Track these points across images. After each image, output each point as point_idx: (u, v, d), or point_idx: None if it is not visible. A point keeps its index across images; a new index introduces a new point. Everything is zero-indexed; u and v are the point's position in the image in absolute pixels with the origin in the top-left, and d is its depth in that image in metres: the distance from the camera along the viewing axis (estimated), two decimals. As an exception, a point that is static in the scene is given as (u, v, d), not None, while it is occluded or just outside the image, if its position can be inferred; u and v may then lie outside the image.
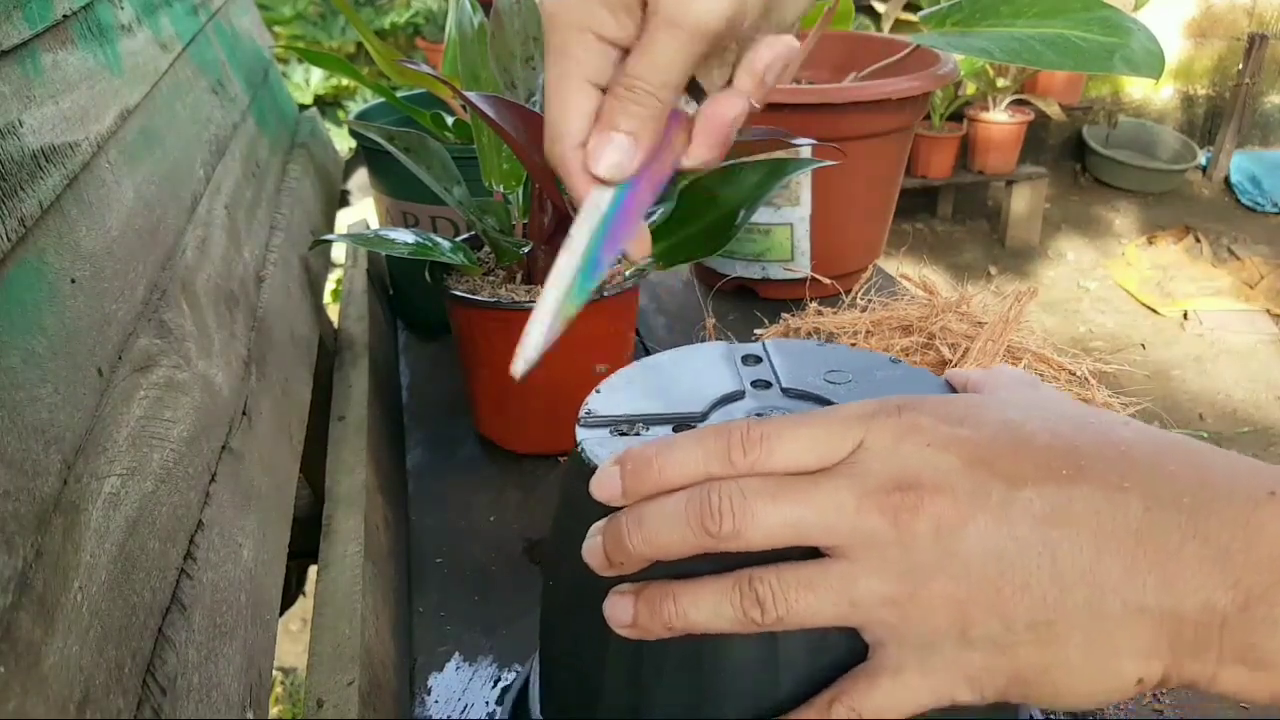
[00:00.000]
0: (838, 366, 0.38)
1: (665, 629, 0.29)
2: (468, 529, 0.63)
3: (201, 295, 0.51)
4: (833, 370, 0.38)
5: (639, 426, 0.34)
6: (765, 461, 0.29)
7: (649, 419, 0.35)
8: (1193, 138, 3.53)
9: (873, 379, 0.38)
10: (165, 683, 0.32)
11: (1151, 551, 0.25)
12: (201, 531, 0.39)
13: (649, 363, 0.39)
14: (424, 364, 0.88)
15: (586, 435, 0.34)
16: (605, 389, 0.37)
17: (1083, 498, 0.26)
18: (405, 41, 3.05)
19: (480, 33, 0.72)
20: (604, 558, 0.30)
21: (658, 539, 0.29)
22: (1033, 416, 0.29)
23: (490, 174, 0.68)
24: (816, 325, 0.69)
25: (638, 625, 0.30)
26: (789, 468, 0.29)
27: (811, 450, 0.29)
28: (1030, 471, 0.27)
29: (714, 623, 0.29)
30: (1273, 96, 3.47)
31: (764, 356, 0.40)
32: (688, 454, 0.30)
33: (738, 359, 0.39)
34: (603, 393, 0.37)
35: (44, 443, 0.30)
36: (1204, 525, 0.25)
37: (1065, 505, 0.26)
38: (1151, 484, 0.26)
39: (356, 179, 1.99)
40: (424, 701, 0.49)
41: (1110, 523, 0.26)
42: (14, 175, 0.34)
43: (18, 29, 0.39)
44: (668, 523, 0.29)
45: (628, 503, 0.30)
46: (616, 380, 0.38)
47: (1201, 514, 0.25)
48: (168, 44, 0.65)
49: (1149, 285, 2.91)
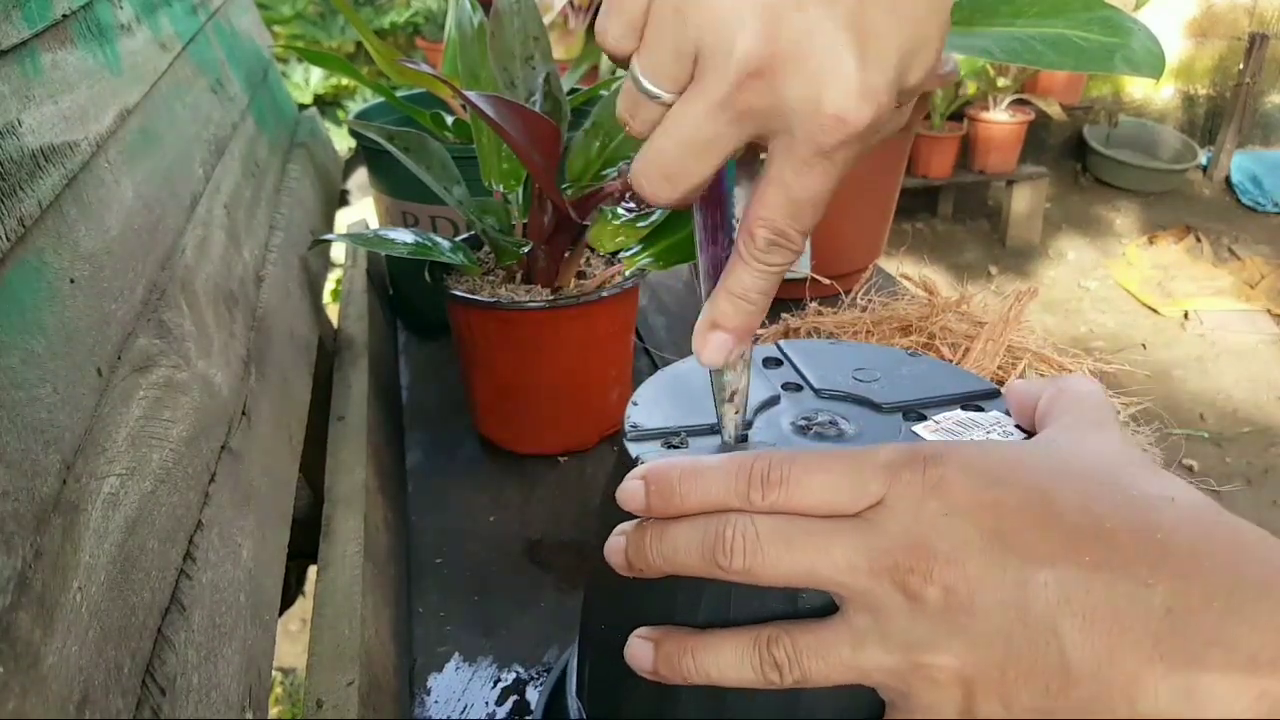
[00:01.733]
0: (861, 364, 0.39)
1: (684, 681, 0.29)
2: (468, 529, 0.63)
3: (201, 295, 0.51)
4: (859, 369, 0.38)
5: (685, 438, 0.35)
6: (784, 504, 0.29)
7: (693, 430, 0.35)
8: (1193, 137, 3.53)
9: (900, 374, 0.38)
10: (164, 683, 0.32)
11: (1170, 655, 0.24)
12: (201, 532, 0.39)
13: (674, 371, 0.39)
14: (424, 364, 0.88)
15: (639, 450, 0.34)
16: (642, 401, 0.37)
17: (1103, 587, 0.25)
18: (405, 41, 3.04)
19: (480, 32, 0.72)
20: (625, 560, 0.31)
21: (675, 558, 0.30)
22: (1070, 483, 0.27)
23: (490, 174, 0.68)
24: (817, 325, 0.69)
25: (658, 674, 0.30)
26: (808, 511, 0.29)
27: (832, 497, 0.28)
28: (1053, 551, 0.26)
29: (732, 679, 0.29)
30: (1273, 96, 3.46)
31: (783, 358, 0.40)
32: (709, 485, 0.30)
33: (759, 363, 0.39)
34: (640, 405, 0.37)
35: (43, 443, 0.30)
36: (1232, 630, 0.23)
37: (1083, 595, 0.25)
38: (1182, 581, 0.24)
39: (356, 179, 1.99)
40: (423, 702, 0.49)
41: (1129, 619, 0.24)
42: (13, 175, 0.34)
43: (17, 28, 0.39)
44: (683, 548, 0.29)
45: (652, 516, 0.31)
46: (648, 391, 0.38)
47: (1232, 618, 0.24)
48: (167, 43, 0.65)
49: (1150, 285, 2.91)
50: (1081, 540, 0.26)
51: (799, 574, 0.28)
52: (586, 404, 0.68)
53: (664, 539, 0.30)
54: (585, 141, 0.67)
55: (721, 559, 0.28)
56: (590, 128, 0.68)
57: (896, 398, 0.37)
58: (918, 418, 0.35)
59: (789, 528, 0.28)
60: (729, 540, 0.28)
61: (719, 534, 0.28)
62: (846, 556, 0.27)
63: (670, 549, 0.30)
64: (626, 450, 0.34)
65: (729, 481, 0.29)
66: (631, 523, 0.31)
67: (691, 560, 0.29)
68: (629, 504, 0.31)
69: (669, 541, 0.30)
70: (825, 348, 0.40)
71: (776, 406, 0.37)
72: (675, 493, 0.30)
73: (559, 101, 0.66)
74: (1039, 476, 0.28)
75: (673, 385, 0.38)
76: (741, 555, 0.28)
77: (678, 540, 0.29)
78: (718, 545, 0.28)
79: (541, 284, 0.65)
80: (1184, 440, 2.02)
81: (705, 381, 0.36)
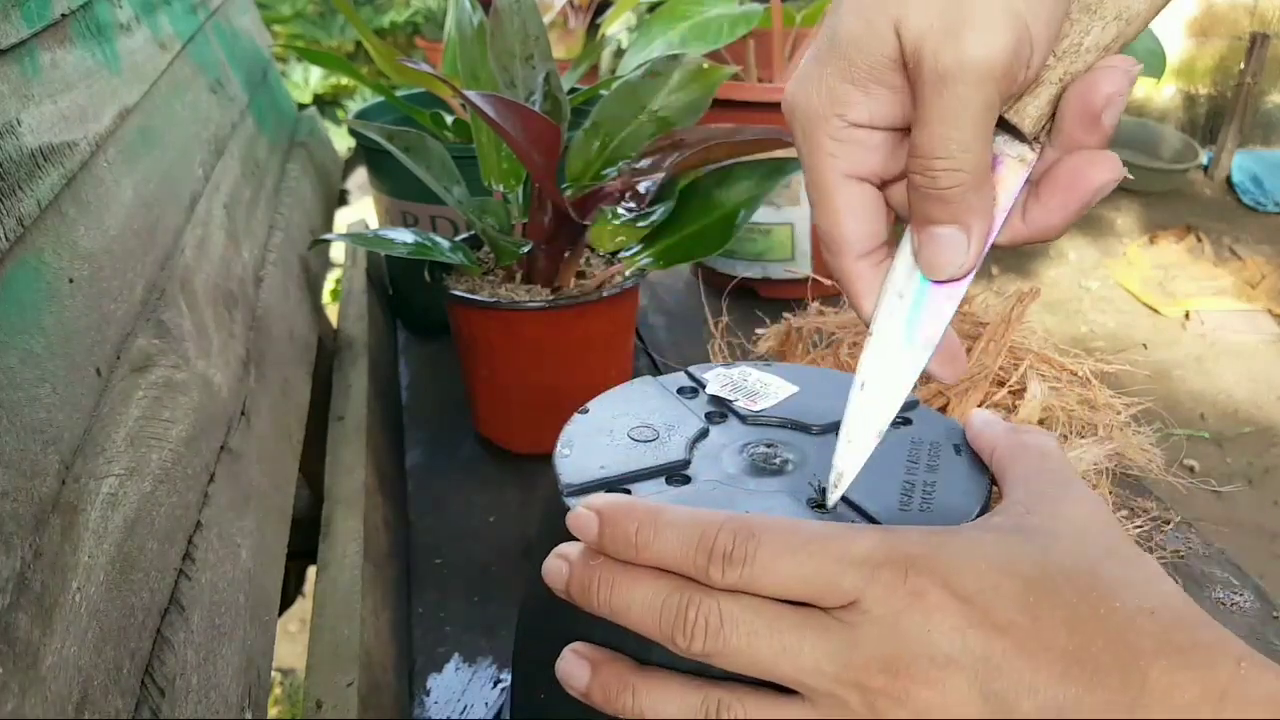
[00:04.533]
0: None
1: (616, 715, 0.28)
2: (468, 529, 0.63)
3: (200, 295, 0.51)
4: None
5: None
6: (748, 584, 0.26)
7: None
8: (1194, 137, 3.53)
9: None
10: (164, 683, 0.32)
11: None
12: (200, 532, 0.39)
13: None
14: (424, 364, 0.88)
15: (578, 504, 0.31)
16: (569, 450, 0.35)
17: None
18: (404, 40, 3.04)
19: (480, 31, 0.72)
20: (565, 590, 0.29)
21: (625, 615, 0.28)
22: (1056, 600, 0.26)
23: (490, 173, 0.68)
24: (818, 325, 0.69)
25: (590, 699, 0.28)
26: (774, 595, 0.27)
27: (798, 590, 0.26)
28: (1036, 684, 0.24)
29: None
30: (1274, 96, 3.46)
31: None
32: (667, 545, 0.27)
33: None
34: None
35: (42, 443, 0.30)
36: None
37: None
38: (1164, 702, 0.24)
39: (356, 178, 1.99)
40: (423, 703, 0.49)
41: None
42: (12, 175, 0.34)
43: (16, 28, 0.39)
44: (637, 609, 0.27)
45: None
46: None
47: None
48: (166, 43, 0.65)
49: (1150, 285, 2.90)
50: (1066, 669, 0.24)
51: (761, 668, 0.26)
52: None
53: (615, 592, 0.28)
54: (585, 141, 0.67)
55: (680, 639, 0.26)
56: (590, 128, 0.68)
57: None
58: None
59: (756, 619, 0.26)
60: (690, 622, 0.26)
61: (680, 611, 0.27)
62: (815, 660, 0.26)
63: (623, 605, 0.28)
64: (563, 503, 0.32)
65: (688, 548, 0.27)
66: (576, 548, 0.29)
67: (645, 626, 0.27)
68: (579, 533, 0.29)
69: (620, 597, 0.28)
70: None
71: (707, 439, 0.36)
72: (630, 543, 0.28)
73: (559, 101, 0.66)
74: (1025, 590, 0.26)
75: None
76: (703, 639, 0.26)
77: (632, 599, 0.28)
78: (678, 623, 0.27)
79: (541, 284, 0.65)
80: (1185, 440, 2.02)
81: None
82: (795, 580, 0.26)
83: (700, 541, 0.27)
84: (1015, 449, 0.32)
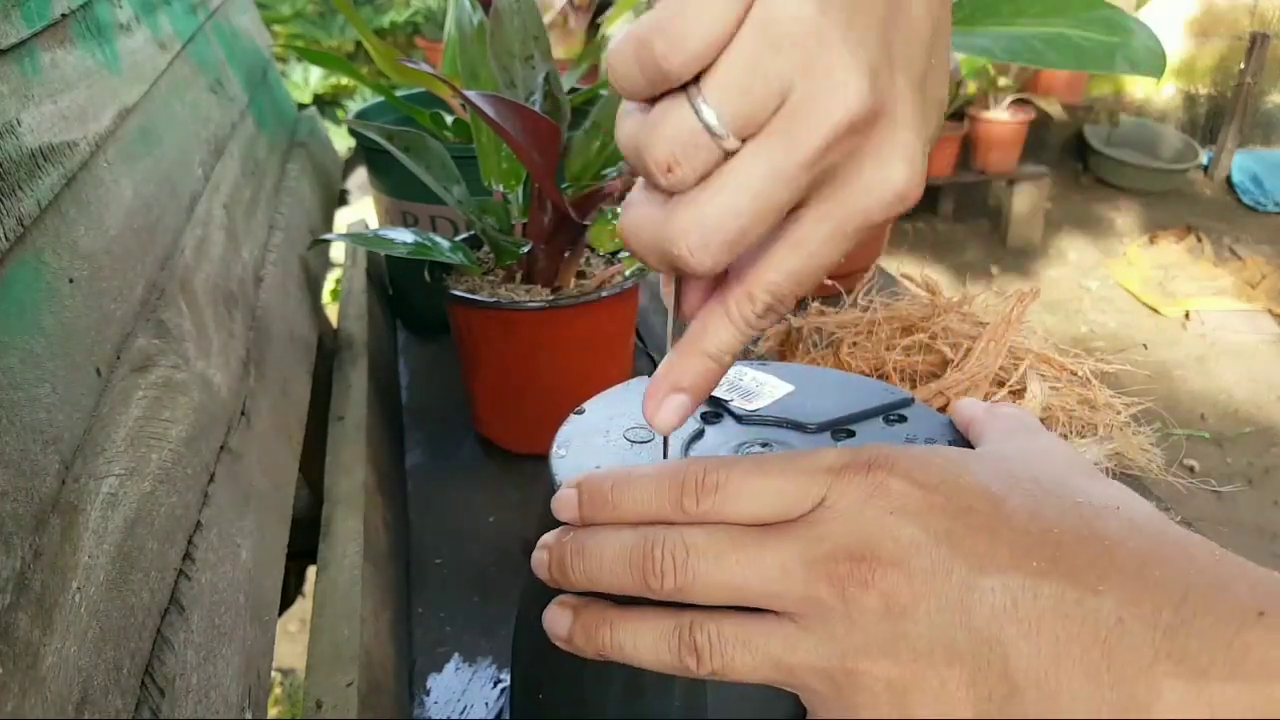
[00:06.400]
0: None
1: (598, 654, 0.28)
2: (468, 529, 0.63)
3: (200, 295, 0.51)
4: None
5: None
6: (718, 511, 0.27)
7: None
8: (1194, 137, 3.53)
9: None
10: (164, 683, 0.32)
11: (1118, 666, 0.23)
12: (200, 532, 0.39)
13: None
14: (424, 364, 0.88)
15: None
16: (565, 451, 0.36)
17: (1050, 595, 0.24)
18: (404, 40, 3.04)
19: (480, 31, 0.72)
20: (549, 576, 0.30)
21: (599, 577, 0.28)
22: (1018, 489, 0.27)
23: (490, 173, 0.68)
24: (819, 325, 0.69)
25: (572, 643, 0.29)
26: (743, 520, 0.27)
27: (769, 504, 0.27)
28: (999, 556, 0.25)
29: (647, 660, 0.28)
30: (1274, 96, 3.46)
31: None
32: (641, 492, 0.28)
33: None
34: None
35: (42, 443, 0.30)
36: (1182, 643, 0.23)
37: (1029, 601, 0.24)
38: (1131, 590, 0.24)
39: (356, 178, 1.99)
40: (423, 703, 0.49)
41: (1076, 628, 0.24)
42: (12, 174, 0.34)
43: (16, 28, 0.39)
44: (609, 563, 0.28)
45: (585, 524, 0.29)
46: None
47: (1181, 632, 0.23)
48: (166, 43, 0.65)
49: (1151, 285, 2.90)
50: (1029, 546, 0.25)
51: (730, 589, 0.27)
52: (587, 404, 0.68)
53: (587, 554, 0.28)
54: (585, 141, 0.67)
55: (652, 580, 0.27)
56: (590, 128, 0.68)
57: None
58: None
59: (720, 540, 0.27)
60: (658, 560, 0.27)
61: (647, 553, 0.27)
62: (780, 562, 0.26)
63: (595, 566, 0.28)
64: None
65: (661, 488, 0.28)
66: (551, 534, 0.30)
67: (616, 578, 0.28)
68: (562, 513, 0.30)
69: (593, 557, 0.28)
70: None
71: (702, 440, 0.36)
72: (607, 501, 0.29)
73: (559, 101, 0.66)
74: (986, 481, 0.27)
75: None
76: (673, 575, 0.27)
77: (603, 556, 0.28)
78: (647, 565, 0.27)
79: (541, 284, 0.65)
80: (1185, 440, 2.02)
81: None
82: (765, 496, 0.27)
83: (672, 478, 0.28)
84: (990, 417, 0.34)
